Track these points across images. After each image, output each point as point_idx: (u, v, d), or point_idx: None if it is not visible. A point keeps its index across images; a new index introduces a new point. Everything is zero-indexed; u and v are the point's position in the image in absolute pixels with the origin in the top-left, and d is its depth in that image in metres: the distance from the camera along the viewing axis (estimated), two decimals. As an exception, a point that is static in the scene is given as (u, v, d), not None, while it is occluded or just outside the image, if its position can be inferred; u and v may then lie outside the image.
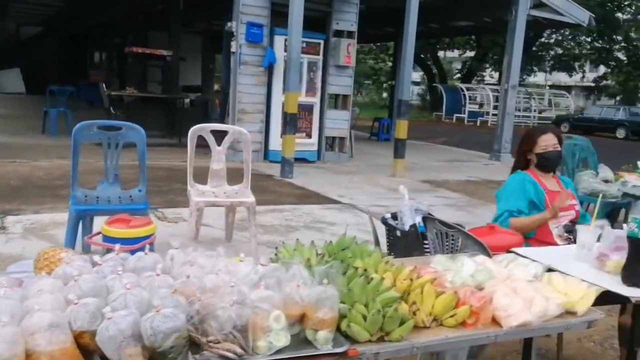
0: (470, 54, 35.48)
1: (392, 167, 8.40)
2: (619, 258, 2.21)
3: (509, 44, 10.49)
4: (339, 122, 9.40)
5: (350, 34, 9.21)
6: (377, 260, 1.99)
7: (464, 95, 28.55)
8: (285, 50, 8.07)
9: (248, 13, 8.49)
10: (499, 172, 9.12)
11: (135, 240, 1.82)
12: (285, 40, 8.02)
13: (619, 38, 30.40)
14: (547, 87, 40.26)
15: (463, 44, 34.69)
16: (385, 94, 45.58)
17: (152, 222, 1.98)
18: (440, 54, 38.52)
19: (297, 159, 8.79)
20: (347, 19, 9.19)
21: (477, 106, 29.11)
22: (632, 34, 29.36)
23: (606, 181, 5.23)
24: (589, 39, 31.53)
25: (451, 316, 1.76)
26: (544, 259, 2.30)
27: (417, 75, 46.76)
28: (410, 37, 8.00)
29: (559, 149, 3.14)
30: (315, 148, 9.25)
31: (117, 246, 1.78)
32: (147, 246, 1.74)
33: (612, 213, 5.54)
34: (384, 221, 3.52)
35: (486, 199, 6.79)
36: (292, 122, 7.59)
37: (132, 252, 1.73)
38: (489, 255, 2.85)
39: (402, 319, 1.66)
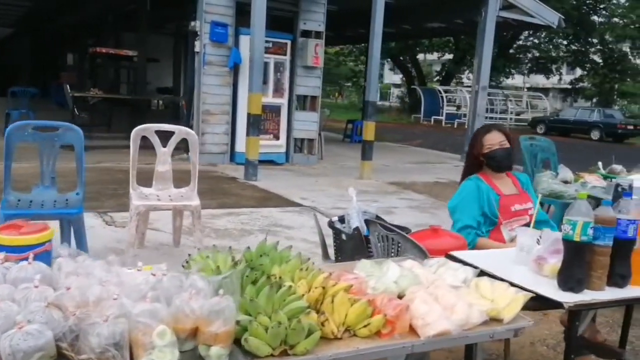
0: (449, 56, 35.65)
1: (360, 169, 8.29)
2: (556, 261, 2.12)
3: (478, 46, 10.47)
4: (307, 123, 9.27)
5: (318, 35, 9.11)
6: (295, 267, 1.87)
7: (442, 97, 28.65)
8: (252, 50, 7.93)
9: (212, 12, 8.33)
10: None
11: (26, 248, 1.67)
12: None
13: (595, 41, 30.77)
14: (525, 90, 40.62)
15: (442, 46, 34.81)
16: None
17: (48, 228, 1.82)
18: (421, 56, 38.71)
19: (264, 161, 8.67)
20: (315, 19, 9.08)
21: (455, 108, 29.25)
22: (607, 37, 29.72)
23: (565, 182, 5.17)
24: (565, 42, 31.85)
25: (364, 326, 1.64)
26: (482, 263, 2.21)
27: (397, 78, 47.04)
28: (376, 37, 7.91)
29: (507, 146, 2.99)
30: (283, 150, 9.11)
31: (1, 255, 1.63)
32: (32, 255, 1.59)
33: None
34: (331, 224, 3.40)
35: (452, 200, 6.72)
36: (256, 124, 7.44)
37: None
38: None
39: (310, 331, 1.53)
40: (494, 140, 2.94)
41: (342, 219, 3.33)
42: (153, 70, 14.19)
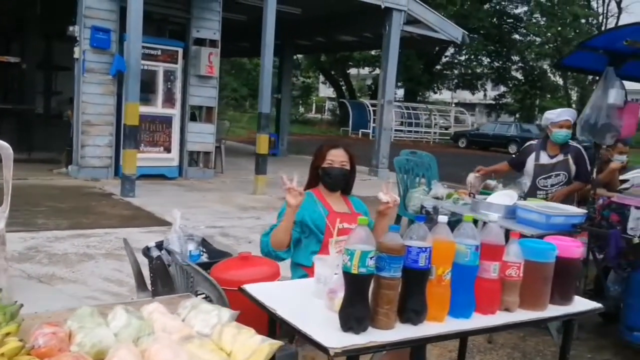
0: (379, 71, 35.99)
1: (254, 183, 7.92)
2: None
3: (384, 60, 10.40)
4: (203, 135, 8.82)
5: (213, 43, 8.71)
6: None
7: (369, 111, 28.86)
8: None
9: (92, 16, 7.78)
10: (373, 187, 8.89)
11: None
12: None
13: (516, 58, 31.96)
14: (453, 105, 41.70)
15: (373, 61, 35.27)
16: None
17: None
18: (354, 71, 39.13)
19: (154, 176, 8.18)
20: (209, 27, 8.69)
21: (382, 122, 29.45)
22: (527, 55, 30.93)
23: (437, 198, 4.99)
24: (488, 59, 32.92)
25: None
26: (272, 297, 1.95)
27: (330, 91, 47.24)
28: (267, 48, 7.61)
29: (347, 167, 2.75)
30: (175, 163, 8.61)
31: None
32: None
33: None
34: (145, 252, 2.99)
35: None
36: (133, 135, 6.94)
37: None
38: (220, 295, 2.40)
39: None
40: (336, 158, 2.72)
41: (160, 246, 2.94)
42: (65, 79, 13.31)
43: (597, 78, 4.70)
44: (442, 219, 1.94)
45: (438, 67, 32.89)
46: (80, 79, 7.80)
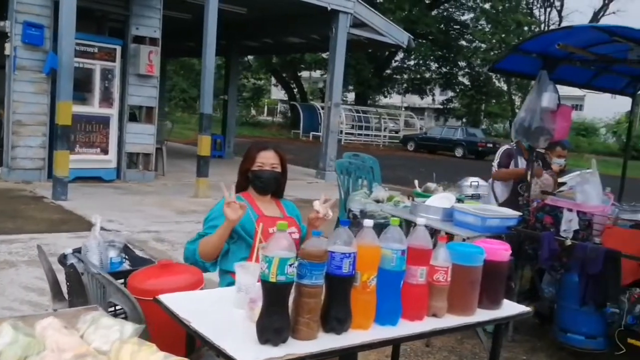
0: (330, 74, 36.13)
1: (195, 186, 7.70)
2: (266, 305, 1.73)
3: (330, 62, 10.37)
4: (142, 136, 8.52)
5: (153, 41, 8.42)
6: None
7: (320, 113, 28.88)
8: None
9: (24, 11, 7.38)
10: (320, 189, 8.82)
11: None
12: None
13: (463, 64, 32.69)
14: (403, 109, 42.33)
15: (324, 64, 35.31)
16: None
17: None
18: (307, 73, 39.14)
19: (90, 178, 7.83)
20: (149, 25, 8.41)
21: (333, 125, 29.55)
22: (474, 61, 31.69)
23: (378, 201, 4.96)
24: (436, 65, 33.57)
25: None
26: (189, 308, 1.82)
27: (282, 94, 47.06)
28: (209, 47, 7.41)
29: (278, 170, 2.64)
30: (113, 165, 8.28)
31: None
32: None
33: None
34: (61, 259, 2.79)
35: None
36: (65, 136, 6.60)
37: None
38: (134, 307, 2.24)
39: None
40: (266, 160, 2.60)
41: (78, 253, 2.74)
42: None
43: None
44: (368, 223, 1.87)
45: (388, 71, 33.28)
46: (11, 76, 7.37)
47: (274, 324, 1.64)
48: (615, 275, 3.50)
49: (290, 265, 1.64)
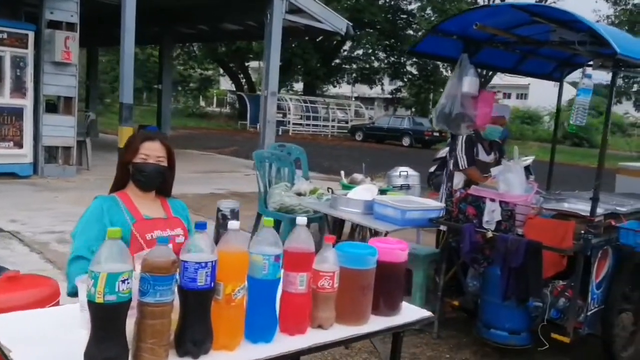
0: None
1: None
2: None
3: (266, 49, 10.00)
4: (61, 129, 7.94)
5: (70, 27, 7.83)
6: None
7: (267, 104, 28.42)
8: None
9: None
10: (255, 182, 8.51)
11: None
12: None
13: (411, 53, 32.73)
14: (353, 99, 42.26)
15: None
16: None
17: None
18: (255, 64, 38.48)
19: (3, 174, 7.24)
20: (66, 9, 7.81)
21: (281, 115, 29.18)
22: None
23: (300, 194, 4.68)
24: (384, 54, 33.57)
25: None
26: (20, 331, 1.54)
27: (230, 85, 46.16)
28: (127, 32, 6.95)
29: (164, 163, 2.28)
30: (29, 160, 7.69)
31: None
32: None
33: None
34: None
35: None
36: (-35, 129, 6.04)
37: None
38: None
39: None
40: (151, 152, 2.25)
41: None
42: None
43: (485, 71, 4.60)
44: (233, 225, 1.58)
45: (337, 60, 33.07)
46: None
47: (104, 353, 1.34)
48: (537, 268, 3.35)
49: (124, 281, 1.34)
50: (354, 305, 1.83)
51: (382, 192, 4.46)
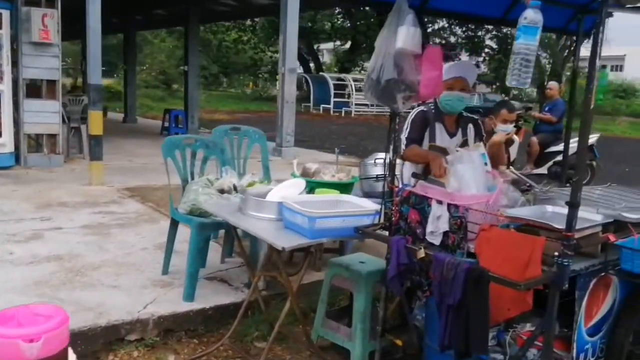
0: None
1: (89, 172, 6.50)
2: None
3: (282, 22, 8.92)
4: (45, 115, 7.34)
5: (50, 3, 7.16)
6: None
7: (331, 85, 27.42)
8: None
9: None
10: (274, 169, 7.52)
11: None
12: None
13: (490, 26, 30.43)
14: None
15: (344, 33, 33.76)
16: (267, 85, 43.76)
17: None
18: (328, 45, 37.37)
19: (-19, 165, 6.76)
20: (44, -17, 7.16)
21: (345, 96, 28.05)
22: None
23: (222, 191, 3.61)
24: (462, 29, 31.59)
25: None
26: None
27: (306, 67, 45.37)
28: (92, 3, 6.13)
29: None
30: (10, 149, 7.18)
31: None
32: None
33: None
34: None
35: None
36: None
37: None
38: None
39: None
40: None
41: None
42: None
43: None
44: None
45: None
46: None
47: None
48: (480, 308, 2.12)
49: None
50: None
51: (335, 186, 3.41)
